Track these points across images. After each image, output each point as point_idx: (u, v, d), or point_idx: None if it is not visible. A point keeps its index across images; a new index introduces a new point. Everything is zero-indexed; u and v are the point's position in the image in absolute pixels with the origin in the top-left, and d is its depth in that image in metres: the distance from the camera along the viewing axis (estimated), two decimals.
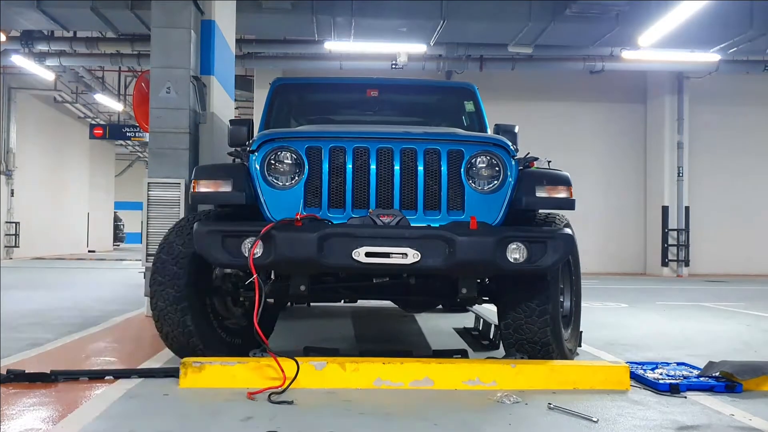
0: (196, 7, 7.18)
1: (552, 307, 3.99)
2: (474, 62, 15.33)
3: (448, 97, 6.04)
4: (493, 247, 3.59)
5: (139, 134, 19.98)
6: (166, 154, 6.92)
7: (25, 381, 3.75)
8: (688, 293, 11.45)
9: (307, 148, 3.92)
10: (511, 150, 4.05)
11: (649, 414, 3.31)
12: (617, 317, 7.63)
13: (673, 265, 17.06)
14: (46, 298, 8.65)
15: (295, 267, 3.78)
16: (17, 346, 5.02)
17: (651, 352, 5.22)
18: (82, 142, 25.69)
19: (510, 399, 3.48)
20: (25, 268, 16.10)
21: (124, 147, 30.58)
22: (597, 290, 11.26)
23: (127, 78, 19.96)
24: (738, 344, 5.71)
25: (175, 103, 6.95)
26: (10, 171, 19.78)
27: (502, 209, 3.94)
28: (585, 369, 3.92)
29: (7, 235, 19.63)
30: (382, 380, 3.65)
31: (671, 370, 4.20)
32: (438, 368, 3.80)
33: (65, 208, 24.94)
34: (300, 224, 3.66)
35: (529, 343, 4.06)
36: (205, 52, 7.40)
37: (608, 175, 17.86)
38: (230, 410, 3.25)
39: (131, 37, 14.35)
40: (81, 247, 26.69)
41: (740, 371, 3.84)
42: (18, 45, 14.62)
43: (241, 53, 14.51)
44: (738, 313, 8.30)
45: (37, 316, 6.79)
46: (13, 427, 2.97)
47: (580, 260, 4.53)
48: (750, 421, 3.19)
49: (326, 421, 3.11)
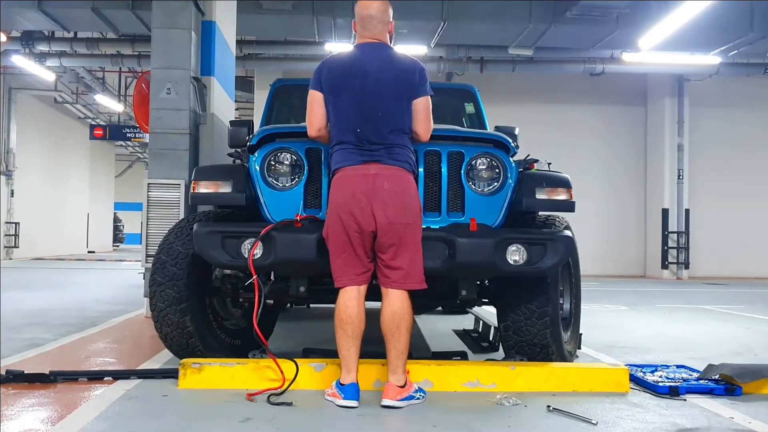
0: (196, 7, 7.18)
1: (552, 309, 3.99)
2: (474, 64, 15.33)
3: (449, 98, 6.03)
4: (493, 248, 3.58)
5: (139, 135, 19.98)
6: (166, 154, 6.92)
7: (24, 381, 3.74)
8: (687, 296, 11.45)
9: (306, 149, 3.92)
10: (512, 147, 4.06)
11: (649, 417, 3.31)
12: (617, 320, 7.62)
13: (673, 267, 17.06)
14: (45, 299, 8.65)
15: (294, 268, 3.78)
16: (16, 346, 5.02)
17: (650, 354, 5.22)
18: (82, 142, 25.70)
19: (509, 401, 3.47)
20: (24, 268, 16.10)
21: (124, 148, 30.58)
22: (597, 292, 11.26)
23: (128, 79, 19.96)
24: (738, 347, 5.70)
25: (176, 104, 6.95)
26: (10, 171, 19.78)
27: (502, 211, 3.94)
28: (584, 371, 3.91)
29: (7, 236, 19.63)
30: (381, 382, 3.64)
31: (671, 372, 4.20)
32: (437, 370, 3.80)
33: (65, 208, 24.94)
34: (300, 225, 3.66)
35: (529, 345, 4.06)
36: (206, 53, 7.41)
37: (608, 178, 17.86)
38: (229, 411, 3.24)
39: (132, 38, 14.36)
40: (81, 248, 26.69)
41: (740, 374, 3.83)
42: (18, 45, 14.63)
43: (242, 54, 14.51)
44: (738, 315, 8.30)
45: (37, 317, 6.78)
46: (12, 427, 2.96)
47: (579, 262, 4.53)
48: (750, 425, 3.19)
49: (325, 423, 3.11)
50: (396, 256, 3.43)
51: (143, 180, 6.99)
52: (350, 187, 3.42)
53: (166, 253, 4.04)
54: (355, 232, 3.40)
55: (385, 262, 3.45)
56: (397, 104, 3.48)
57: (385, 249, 3.43)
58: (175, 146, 6.92)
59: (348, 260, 3.45)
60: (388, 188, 3.41)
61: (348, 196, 3.41)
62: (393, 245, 3.42)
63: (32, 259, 20.09)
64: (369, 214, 3.38)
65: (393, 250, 3.42)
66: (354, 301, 3.46)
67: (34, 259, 20.14)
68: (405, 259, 3.45)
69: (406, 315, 3.45)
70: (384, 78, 3.47)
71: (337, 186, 3.48)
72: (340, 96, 3.49)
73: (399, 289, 3.46)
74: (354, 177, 3.43)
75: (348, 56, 3.58)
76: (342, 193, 3.44)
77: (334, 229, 3.44)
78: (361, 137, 3.46)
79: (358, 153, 3.46)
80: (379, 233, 3.40)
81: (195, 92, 7.09)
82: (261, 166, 3.91)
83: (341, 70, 3.52)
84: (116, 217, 34.83)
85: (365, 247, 3.44)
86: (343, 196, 3.43)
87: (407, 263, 3.45)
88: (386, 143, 3.46)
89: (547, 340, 4.02)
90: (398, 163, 3.47)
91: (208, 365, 3.75)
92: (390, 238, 3.41)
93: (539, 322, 3.99)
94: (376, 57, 3.52)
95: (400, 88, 3.48)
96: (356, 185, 3.41)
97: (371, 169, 3.43)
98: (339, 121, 3.51)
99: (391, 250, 3.43)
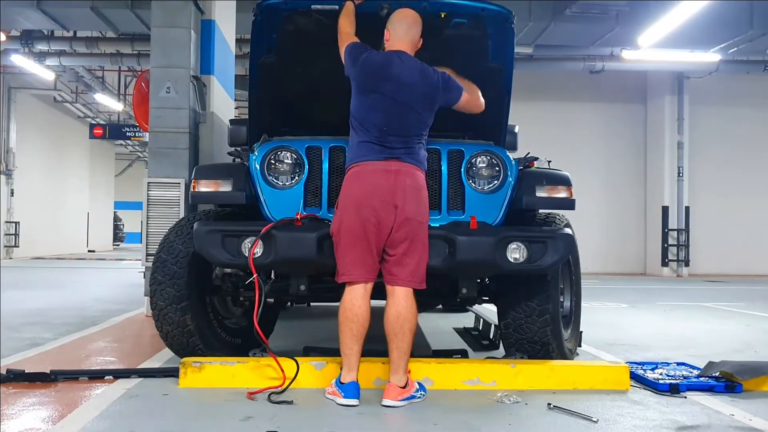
0: (196, 6, 7.18)
1: (552, 307, 3.99)
2: None
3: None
4: (493, 246, 3.58)
5: (139, 134, 19.96)
6: (166, 153, 6.92)
7: (24, 381, 3.74)
8: (688, 293, 11.46)
9: (307, 148, 3.92)
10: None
11: (649, 414, 3.31)
12: (617, 317, 7.63)
13: (673, 265, 17.06)
14: (45, 298, 8.65)
15: (295, 267, 3.77)
16: (17, 345, 5.02)
17: (651, 352, 5.22)
18: (82, 141, 25.67)
19: (510, 399, 3.47)
20: (25, 267, 16.10)
21: (123, 147, 30.55)
22: (597, 290, 11.26)
23: (127, 78, 19.94)
24: (738, 344, 5.70)
25: (175, 103, 6.94)
26: (10, 171, 19.77)
27: (502, 209, 3.95)
28: (585, 369, 3.92)
29: (7, 235, 19.63)
30: (382, 380, 3.65)
31: (671, 370, 4.20)
32: (438, 368, 3.80)
33: (65, 207, 24.93)
34: (300, 224, 3.66)
35: (529, 342, 4.06)
36: (205, 52, 7.40)
37: (608, 175, 17.85)
38: (230, 410, 3.24)
39: (131, 37, 14.34)
40: (81, 247, 26.68)
41: (740, 371, 3.83)
42: (18, 45, 14.61)
43: (241, 53, 14.47)
44: (738, 313, 8.30)
45: (37, 316, 6.78)
46: (13, 426, 2.97)
47: (580, 260, 4.53)
48: (750, 422, 3.19)
49: (326, 421, 3.11)
50: (407, 252, 3.45)
51: (143, 179, 6.99)
52: (371, 181, 3.44)
53: (167, 251, 4.04)
54: (373, 226, 3.40)
55: (395, 258, 3.46)
56: (424, 114, 3.56)
57: (397, 244, 3.44)
58: (174, 145, 6.92)
59: (360, 255, 3.44)
60: (410, 184, 3.46)
61: (368, 190, 3.42)
62: (406, 240, 3.43)
63: (32, 259, 20.09)
64: (391, 208, 3.40)
65: (405, 246, 3.44)
66: (361, 299, 3.46)
67: (34, 259, 20.14)
68: (414, 257, 3.46)
69: (411, 315, 3.46)
70: (416, 92, 3.52)
71: (356, 180, 3.49)
72: (369, 95, 3.52)
73: (405, 287, 3.46)
74: (374, 172, 3.45)
75: (385, 58, 3.57)
76: (361, 187, 3.45)
77: (349, 222, 3.44)
78: (384, 135, 3.49)
79: (379, 150, 3.48)
80: (395, 228, 3.42)
81: (195, 91, 7.09)
82: (261, 164, 3.91)
83: (376, 70, 3.53)
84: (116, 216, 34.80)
85: (379, 243, 3.44)
86: (362, 190, 3.44)
87: (415, 262, 3.47)
88: (407, 144, 3.52)
89: (548, 337, 4.02)
90: (416, 163, 3.54)
91: (208, 364, 3.75)
92: (405, 233, 3.42)
93: (540, 319, 3.99)
94: (411, 68, 3.54)
95: (430, 102, 3.57)
96: (378, 180, 3.43)
97: (392, 165, 3.46)
98: (364, 117, 3.54)
99: (403, 246, 3.44)
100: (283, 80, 4.42)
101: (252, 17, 3.99)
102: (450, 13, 3.95)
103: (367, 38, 3.65)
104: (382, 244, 3.46)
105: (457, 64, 3.77)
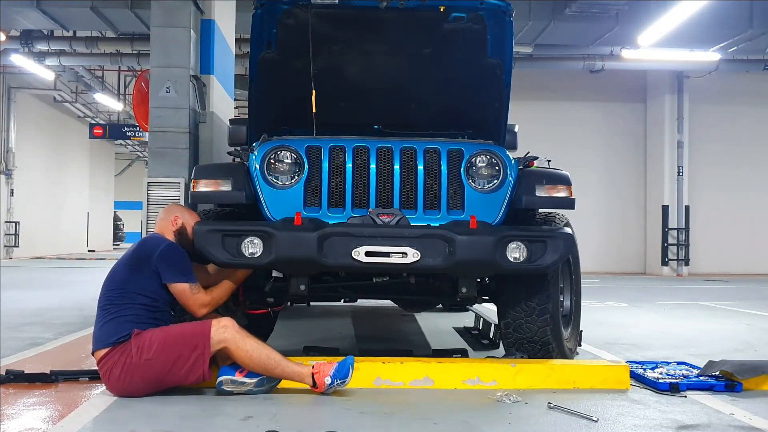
0: (195, 6, 7.18)
1: (552, 307, 3.99)
2: None
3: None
4: (493, 246, 3.58)
5: (139, 134, 19.95)
6: (165, 153, 6.92)
7: (24, 381, 3.74)
8: (688, 292, 11.45)
9: (306, 148, 3.92)
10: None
11: (649, 413, 3.31)
12: (617, 316, 7.62)
13: (673, 264, 17.06)
14: (45, 298, 8.65)
15: (295, 266, 3.77)
16: (17, 345, 5.02)
17: (651, 351, 5.22)
18: (81, 141, 25.66)
19: (510, 398, 3.47)
20: (25, 267, 16.09)
21: (123, 146, 30.52)
22: (597, 289, 11.26)
23: (127, 77, 19.94)
24: (738, 344, 5.70)
25: (175, 103, 6.95)
26: (10, 171, 19.77)
27: (502, 208, 3.94)
28: (585, 368, 3.92)
29: (7, 235, 19.62)
30: (382, 379, 3.65)
31: (671, 369, 4.20)
32: (438, 367, 3.80)
33: (65, 207, 24.92)
34: (300, 223, 3.66)
35: (529, 342, 4.06)
36: (205, 52, 7.41)
37: (608, 175, 17.85)
38: (230, 409, 3.24)
39: (131, 37, 14.34)
40: (81, 247, 26.68)
41: (740, 370, 3.83)
42: (18, 44, 14.61)
43: (241, 52, 14.46)
44: (738, 312, 8.30)
45: (37, 316, 6.78)
46: (13, 426, 2.97)
47: (580, 259, 4.52)
48: (750, 421, 3.19)
49: (326, 420, 3.11)
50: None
51: (143, 178, 6.99)
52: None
53: None
54: None
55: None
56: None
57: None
58: (174, 145, 6.93)
59: None
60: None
61: None
62: None
63: (32, 258, 20.08)
64: None
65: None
66: None
67: (34, 258, 20.13)
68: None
69: None
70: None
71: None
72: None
73: None
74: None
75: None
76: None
77: None
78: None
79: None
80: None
81: (194, 91, 7.09)
82: (261, 164, 3.91)
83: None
84: (116, 216, 34.78)
85: None
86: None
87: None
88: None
89: (548, 337, 4.02)
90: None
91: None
92: None
93: (539, 319, 3.99)
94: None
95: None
96: None
97: None
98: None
99: None
100: (283, 76, 4.42)
101: (252, 11, 3.99)
102: (449, 6, 3.95)
103: (367, 36, 3.65)
104: None
105: (456, 59, 3.77)
